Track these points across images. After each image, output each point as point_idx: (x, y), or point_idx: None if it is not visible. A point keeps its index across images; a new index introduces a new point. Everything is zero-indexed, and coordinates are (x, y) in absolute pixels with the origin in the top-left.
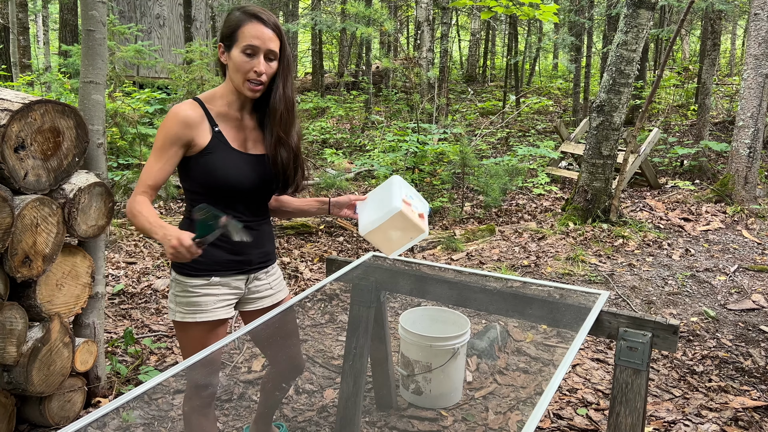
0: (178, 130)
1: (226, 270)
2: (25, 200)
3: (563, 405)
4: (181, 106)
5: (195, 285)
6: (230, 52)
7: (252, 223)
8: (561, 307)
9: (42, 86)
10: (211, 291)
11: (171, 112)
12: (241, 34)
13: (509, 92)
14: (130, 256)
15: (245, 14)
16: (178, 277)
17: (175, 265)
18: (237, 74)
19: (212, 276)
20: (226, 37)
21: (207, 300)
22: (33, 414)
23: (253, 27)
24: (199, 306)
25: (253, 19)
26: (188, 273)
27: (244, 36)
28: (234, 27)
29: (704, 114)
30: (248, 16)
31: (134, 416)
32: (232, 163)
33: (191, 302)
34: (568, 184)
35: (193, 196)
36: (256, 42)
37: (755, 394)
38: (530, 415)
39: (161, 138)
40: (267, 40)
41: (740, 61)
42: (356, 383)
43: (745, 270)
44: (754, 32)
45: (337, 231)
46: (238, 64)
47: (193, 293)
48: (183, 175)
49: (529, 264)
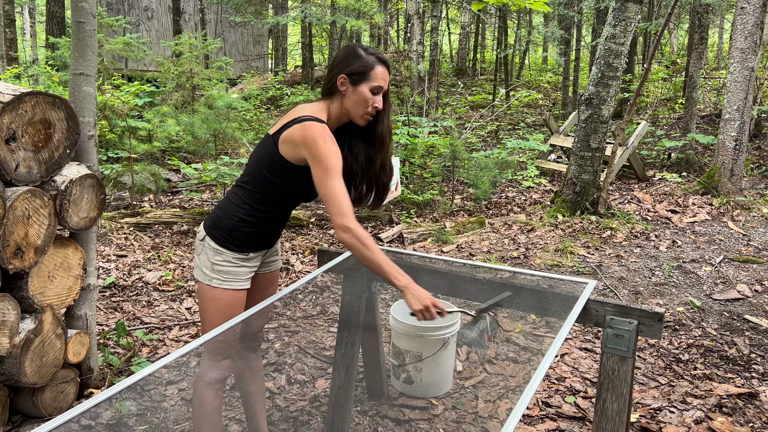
0: (334, 147)
1: (259, 249)
2: (16, 192)
3: (552, 393)
4: (324, 128)
5: (235, 257)
6: (357, 87)
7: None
8: (550, 296)
9: (29, 79)
10: (247, 264)
11: (323, 131)
12: (373, 74)
13: (499, 85)
14: (121, 249)
15: (377, 59)
16: (220, 249)
17: (218, 238)
18: (358, 106)
19: (249, 252)
20: (356, 73)
21: (242, 270)
22: (26, 405)
23: (384, 72)
24: (237, 276)
25: (382, 64)
26: (231, 248)
27: (376, 77)
28: (368, 67)
29: (691, 107)
30: (379, 61)
31: (127, 406)
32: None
33: (230, 271)
34: (557, 176)
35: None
36: (384, 84)
37: (739, 381)
38: (518, 402)
39: (332, 160)
40: (388, 82)
41: (727, 55)
42: (348, 373)
43: (731, 261)
44: (741, 26)
45: (328, 224)
46: (364, 98)
47: (233, 263)
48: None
49: (519, 255)
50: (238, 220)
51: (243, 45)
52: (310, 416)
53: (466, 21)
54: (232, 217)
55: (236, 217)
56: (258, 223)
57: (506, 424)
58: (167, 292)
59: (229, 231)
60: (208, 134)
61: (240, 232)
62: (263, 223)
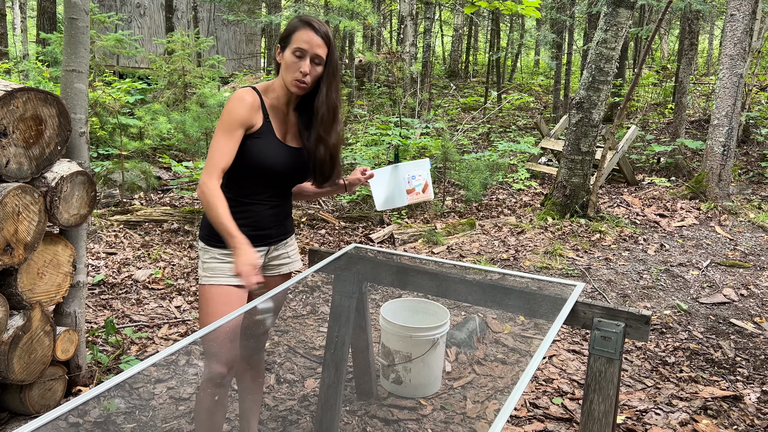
0: (244, 112)
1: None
2: (6, 188)
3: (539, 394)
4: (245, 92)
5: (221, 253)
6: (284, 53)
7: (277, 202)
8: (538, 298)
9: (20, 74)
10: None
11: (236, 96)
12: (294, 37)
13: (491, 88)
14: (111, 247)
15: (301, 21)
16: (206, 246)
17: (202, 236)
18: (287, 72)
19: None
20: (282, 39)
21: (229, 266)
22: (13, 402)
23: (305, 33)
24: (222, 270)
25: (306, 26)
26: (214, 244)
27: (296, 39)
28: (290, 31)
29: (681, 112)
30: (303, 23)
31: (115, 404)
32: (273, 150)
33: (216, 267)
34: (547, 179)
35: (231, 172)
36: (305, 46)
37: (724, 384)
38: (505, 403)
39: (229, 120)
40: (315, 46)
41: (717, 61)
42: (337, 372)
43: (717, 265)
44: (730, 33)
45: (319, 224)
46: (288, 63)
47: (219, 259)
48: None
49: (508, 258)
50: None
51: (236, 43)
52: (299, 415)
53: (459, 23)
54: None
55: None
56: (232, 214)
57: (494, 425)
58: (157, 291)
59: (210, 227)
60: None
61: None
62: (237, 213)
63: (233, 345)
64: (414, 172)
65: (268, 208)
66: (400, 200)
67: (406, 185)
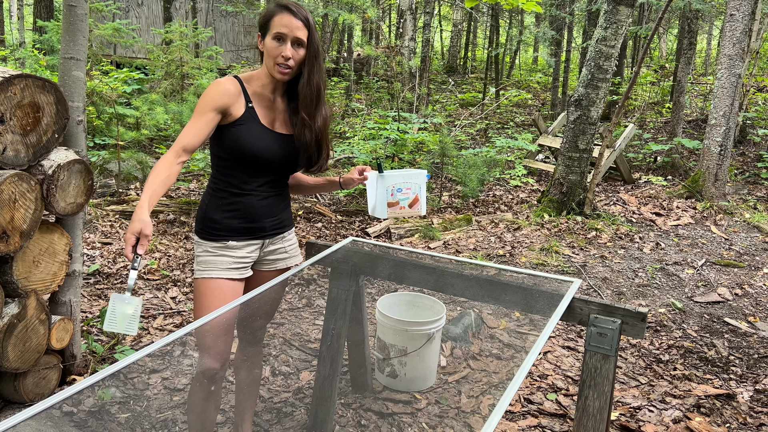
0: (217, 97)
1: (240, 235)
2: (3, 175)
3: (534, 390)
4: (223, 79)
5: (214, 246)
6: (264, 39)
7: (270, 192)
8: (534, 294)
9: (16, 62)
10: (227, 253)
11: (213, 83)
12: (273, 23)
13: (489, 84)
14: (106, 237)
15: (278, 6)
16: (199, 240)
17: (196, 230)
18: (269, 58)
19: (229, 240)
20: (261, 26)
21: (222, 260)
22: (7, 390)
23: (284, 17)
24: (215, 264)
25: (284, 10)
26: (207, 237)
27: (275, 24)
28: (268, 17)
29: (678, 111)
30: (280, 7)
31: (110, 393)
32: (259, 137)
33: (208, 260)
34: (544, 176)
35: (220, 163)
36: (285, 30)
37: (717, 382)
38: (500, 398)
39: (201, 103)
40: (295, 29)
41: (715, 61)
42: (333, 365)
43: (712, 264)
44: (729, 33)
45: (315, 217)
46: (269, 49)
47: (211, 253)
48: (215, 142)
49: (505, 254)
50: (206, 206)
51: (234, 35)
52: (294, 408)
53: (459, 19)
54: (203, 205)
55: (205, 203)
56: (223, 206)
57: (489, 420)
58: (152, 281)
59: (202, 221)
60: None
61: (210, 219)
62: (229, 204)
63: (227, 339)
64: (402, 184)
65: (261, 199)
66: (381, 212)
67: (389, 197)
